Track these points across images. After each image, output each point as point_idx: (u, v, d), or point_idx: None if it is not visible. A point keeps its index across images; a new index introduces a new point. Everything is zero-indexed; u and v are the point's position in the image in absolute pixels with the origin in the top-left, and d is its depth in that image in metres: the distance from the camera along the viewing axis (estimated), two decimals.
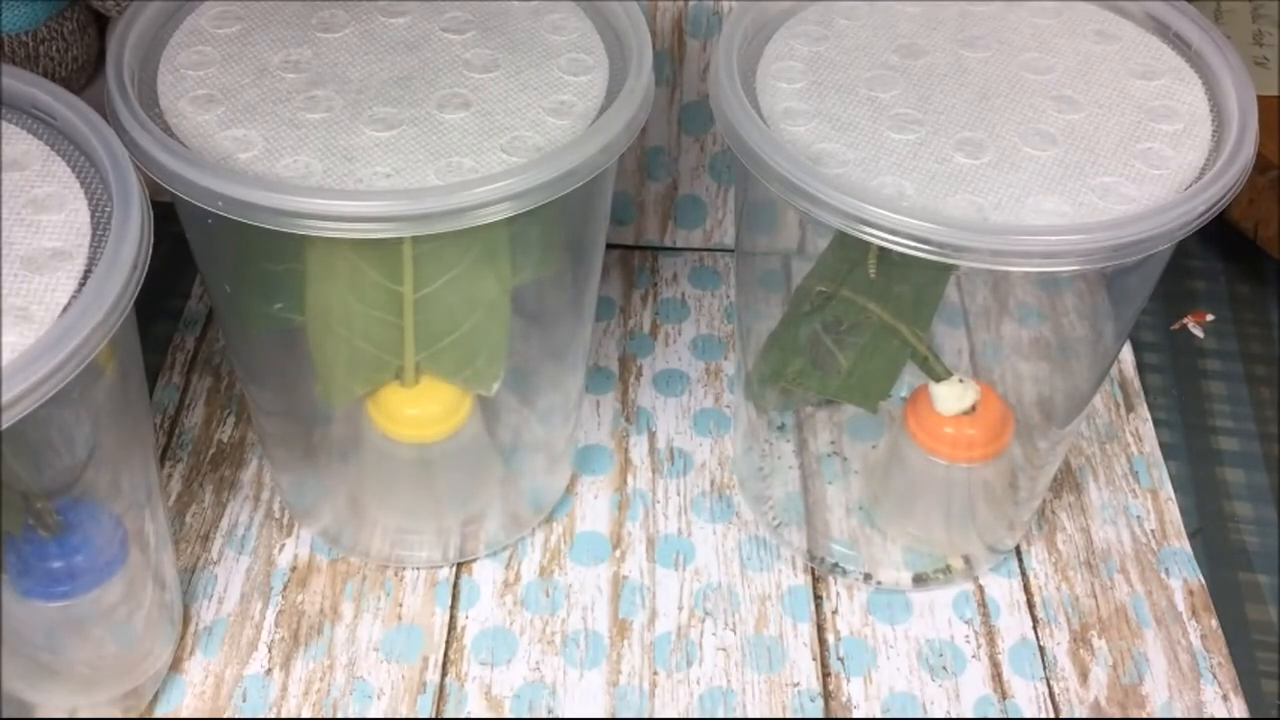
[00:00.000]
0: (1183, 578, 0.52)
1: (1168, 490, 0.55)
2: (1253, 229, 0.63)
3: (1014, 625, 0.50)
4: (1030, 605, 0.51)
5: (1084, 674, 0.48)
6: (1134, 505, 0.54)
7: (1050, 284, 0.51)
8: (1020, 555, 0.52)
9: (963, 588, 0.51)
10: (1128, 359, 0.61)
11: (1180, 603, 0.51)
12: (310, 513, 0.52)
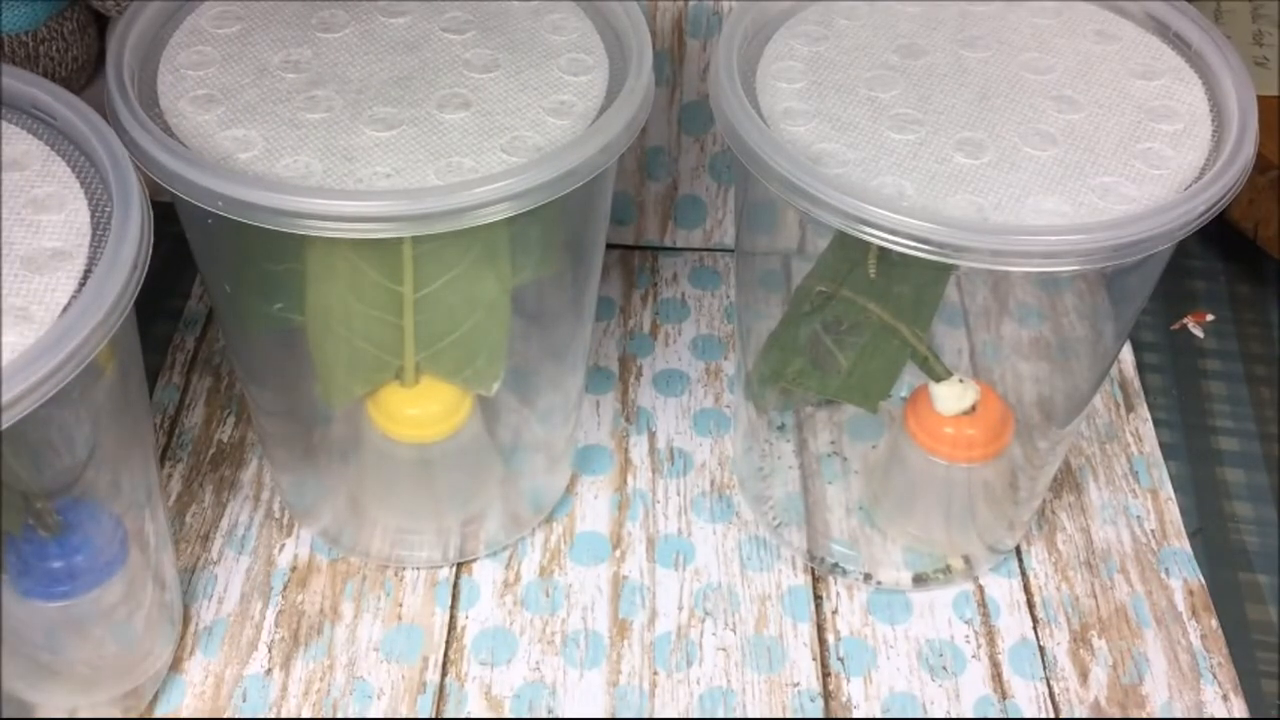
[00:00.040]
0: (1183, 578, 0.52)
1: (1168, 490, 0.55)
2: (1253, 229, 0.63)
3: (1014, 625, 0.50)
4: (1030, 605, 0.51)
5: (1084, 674, 0.48)
6: (1134, 505, 0.54)
7: (1050, 284, 0.51)
8: (1020, 555, 0.52)
9: (963, 588, 0.51)
10: (1128, 359, 0.61)
11: (1180, 603, 0.51)
12: (310, 513, 0.52)
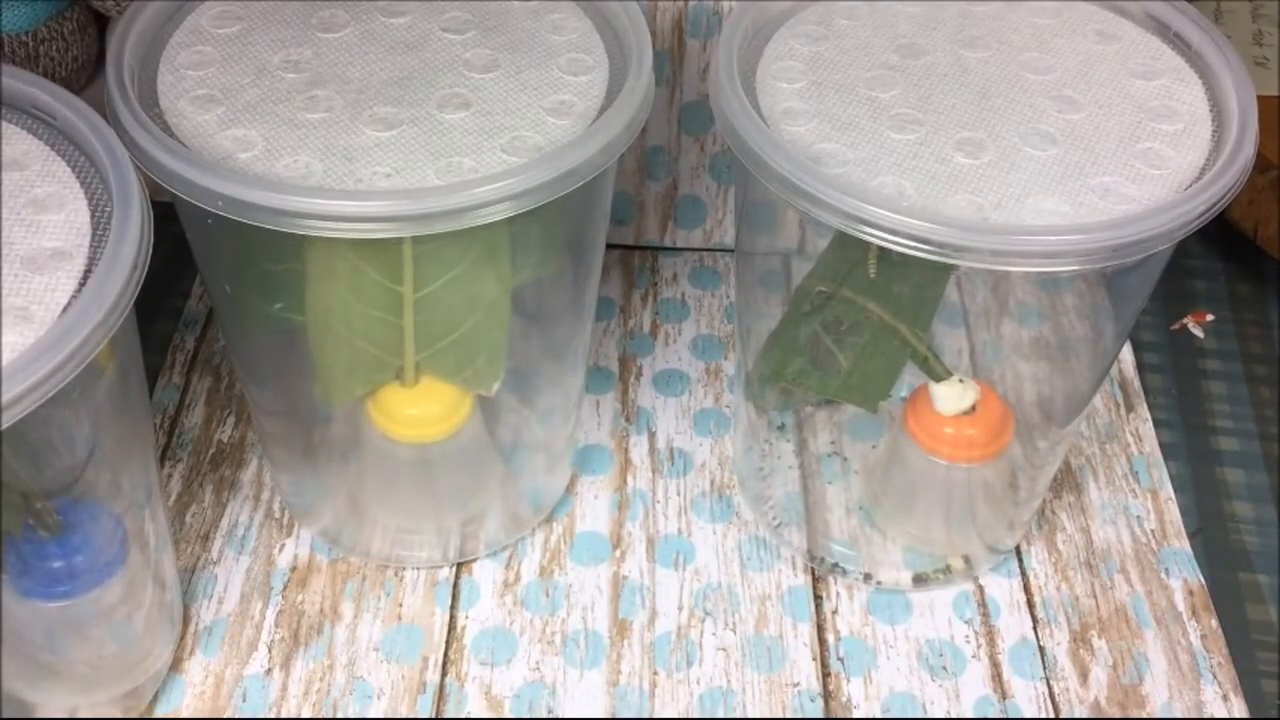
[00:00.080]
0: (1183, 578, 0.52)
1: (1168, 490, 0.55)
2: (1253, 229, 0.63)
3: (1014, 625, 0.50)
4: (1030, 605, 0.51)
5: (1084, 674, 0.48)
6: (1134, 505, 0.54)
7: (1050, 284, 0.51)
8: (1020, 555, 0.52)
9: (963, 588, 0.51)
10: (1128, 359, 0.61)
11: (1180, 603, 0.51)
12: (310, 513, 0.52)
